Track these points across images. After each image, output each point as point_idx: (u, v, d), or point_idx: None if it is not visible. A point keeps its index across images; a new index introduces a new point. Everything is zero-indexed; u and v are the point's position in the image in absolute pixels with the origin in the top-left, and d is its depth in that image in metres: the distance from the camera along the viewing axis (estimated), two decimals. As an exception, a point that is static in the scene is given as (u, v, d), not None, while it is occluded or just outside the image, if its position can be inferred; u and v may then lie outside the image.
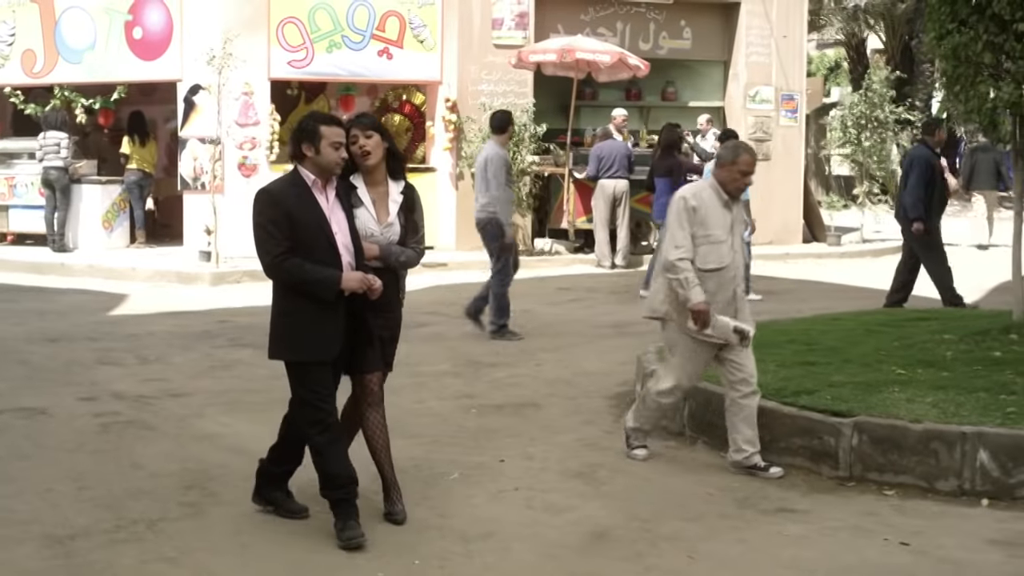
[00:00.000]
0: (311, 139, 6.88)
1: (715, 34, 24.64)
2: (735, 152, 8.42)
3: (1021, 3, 9.61)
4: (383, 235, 7.22)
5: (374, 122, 7.36)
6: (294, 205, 6.85)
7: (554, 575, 6.56)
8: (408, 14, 21.76)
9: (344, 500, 6.96)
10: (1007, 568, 6.73)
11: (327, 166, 6.90)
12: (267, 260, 6.93)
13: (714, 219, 8.31)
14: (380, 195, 7.28)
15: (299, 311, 6.92)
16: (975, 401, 8.41)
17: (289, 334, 7.00)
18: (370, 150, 7.16)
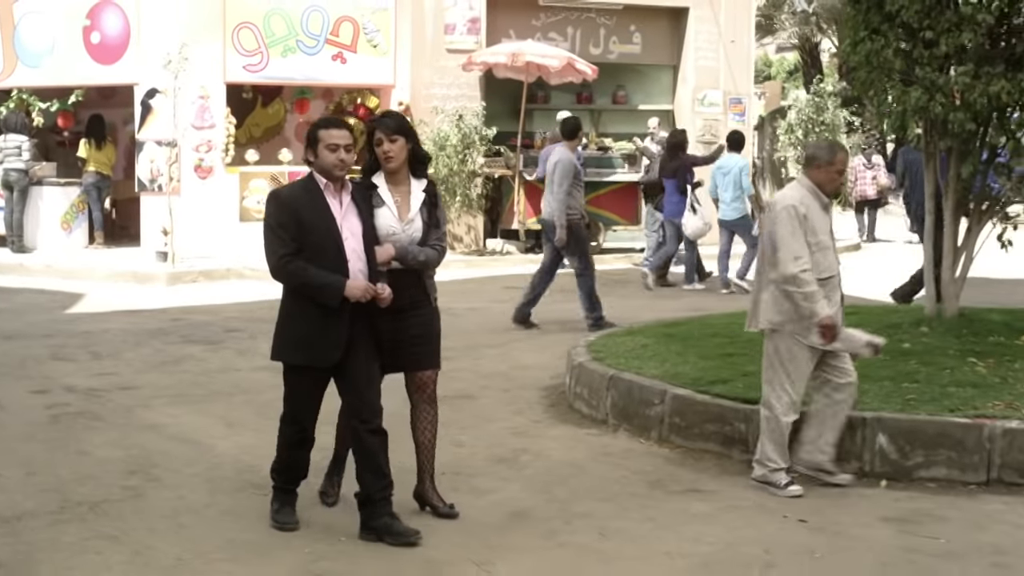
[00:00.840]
0: (311, 144, 6.97)
1: (664, 39, 25.14)
2: (831, 152, 8.18)
3: (928, 12, 10.10)
4: (405, 232, 7.17)
5: (399, 124, 7.29)
6: (303, 208, 6.87)
7: (474, 550, 6.98)
8: (362, 19, 22.17)
9: (284, 490, 7.30)
10: (896, 542, 7.21)
11: (326, 168, 6.93)
12: (272, 261, 6.94)
13: (820, 224, 8.06)
14: (402, 194, 7.24)
15: (303, 315, 6.95)
16: (878, 389, 8.89)
17: (290, 337, 7.05)
18: (393, 155, 7.14)
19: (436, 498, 7.50)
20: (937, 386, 8.94)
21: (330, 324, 6.88)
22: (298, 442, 7.27)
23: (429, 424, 7.51)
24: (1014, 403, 8.56)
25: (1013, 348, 10.03)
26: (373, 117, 7.49)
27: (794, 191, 8.16)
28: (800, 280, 7.84)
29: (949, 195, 10.74)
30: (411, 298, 7.23)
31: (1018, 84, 9.95)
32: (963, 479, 8.22)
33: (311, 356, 6.98)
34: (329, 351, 6.92)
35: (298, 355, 7.03)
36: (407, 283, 7.18)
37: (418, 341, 7.32)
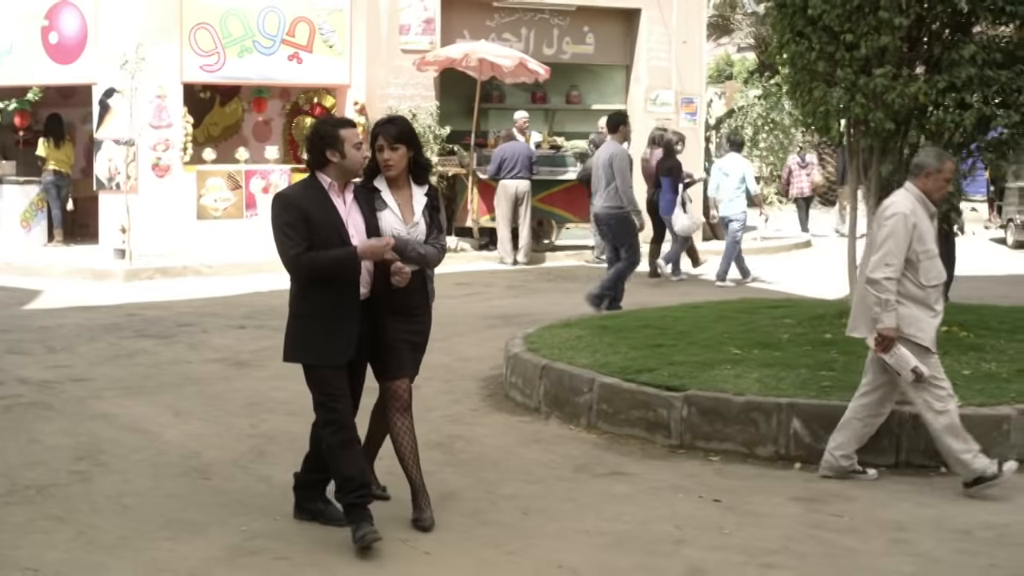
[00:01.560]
0: (334, 144, 6.89)
1: (617, 39, 25.49)
2: (940, 160, 8.15)
3: (849, 17, 10.53)
4: (409, 235, 7.19)
5: (402, 132, 7.24)
6: (310, 207, 6.86)
7: (402, 529, 7.37)
8: (317, 20, 22.49)
9: (355, 505, 7.00)
10: (802, 519, 7.63)
11: (352, 168, 6.97)
12: (287, 259, 6.88)
13: (928, 233, 8.10)
14: (404, 198, 7.27)
15: (313, 315, 6.95)
16: (795, 376, 9.32)
17: (302, 337, 7.03)
18: (392, 164, 7.16)
19: (428, 509, 7.44)
20: (853, 374, 9.31)
21: (341, 322, 6.93)
22: (346, 441, 7.05)
23: (410, 433, 7.42)
24: (921, 390, 8.95)
25: (929, 338, 10.43)
26: (379, 120, 7.45)
27: (905, 200, 8.14)
28: (881, 286, 8.00)
29: (871, 192, 11.16)
30: (414, 301, 7.30)
31: (934, 85, 10.37)
32: (873, 462, 8.62)
33: (326, 355, 6.97)
34: (342, 349, 6.95)
35: (313, 354, 7.01)
36: (413, 285, 7.19)
37: (410, 348, 7.34)
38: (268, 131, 24.47)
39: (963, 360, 9.84)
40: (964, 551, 7.10)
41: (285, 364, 11.43)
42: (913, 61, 10.80)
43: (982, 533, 7.40)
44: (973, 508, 7.87)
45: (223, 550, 6.99)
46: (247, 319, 15.44)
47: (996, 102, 10.42)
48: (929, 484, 8.39)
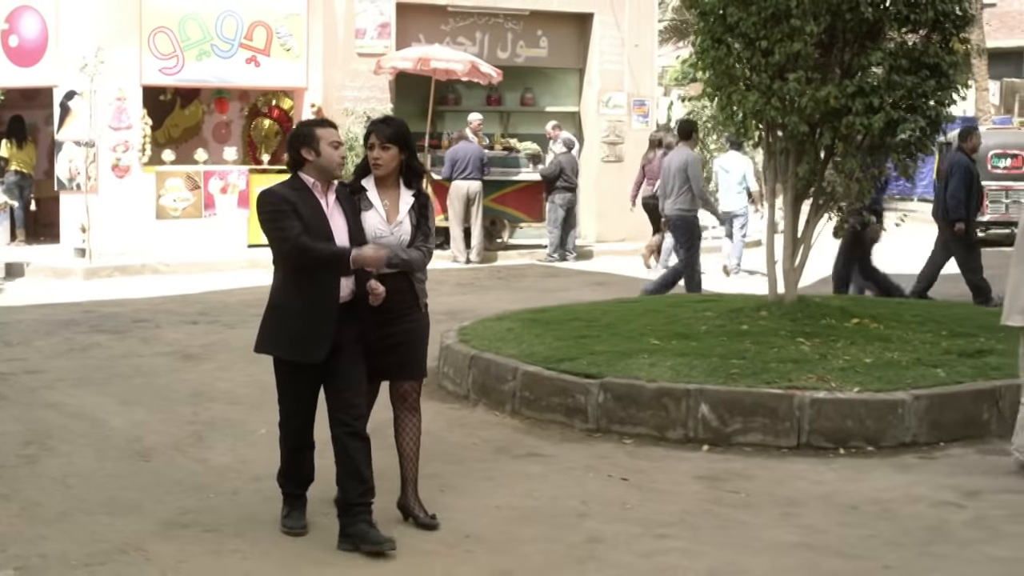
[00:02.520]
0: (310, 143, 6.89)
1: (570, 43, 25.98)
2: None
3: (764, 24, 11.08)
4: (393, 235, 7.16)
5: (396, 133, 7.20)
6: (297, 204, 6.86)
7: (323, 504, 7.87)
8: (275, 24, 22.96)
9: (291, 495, 7.28)
10: (701, 496, 8.17)
11: (328, 166, 6.91)
12: (287, 243, 6.82)
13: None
14: (391, 198, 7.23)
15: (290, 307, 6.95)
16: (707, 364, 9.86)
17: (275, 330, 7.05)
18: (382, 163, 7.13)
19: (418, 508, 7.47)
20: (761, 362, 9.92)
21: (318, 320, 6.87)
22: (297, 446, 7.23)
23: (412, 433, 7.51)
24: (825, 376, 9.56)
25: (841, 330, 11.02)
26: (375, 119, 7.50)
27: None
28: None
29: (788, 191, 11.72)
30: (402, 303, 7.24)
31: (844, 90, 10.93)
32: (776, 444, 9.20)
33: (297, 351, 6.95)
34: (316, 347, 6.89)
35: (283, 349, 7.03)
36: (398, 287, 7.17)
37: (405, 349, 7.32)
38: (228, 133, 24.92)
39: (868, 350, 10.38)
40: (848, 523, 7.63)
41: (230, 356, 12.06)
42: (827, 67, 11.35)
43: (868, 508, 7.93)
44: (863, 486, 8.40)
45: (157, 524, 7.48)
46: (201, 315, 15.91)
47: (903, 106, 10.94)
48: (827, 464, 8.92)
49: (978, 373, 9.82)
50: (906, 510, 7.90)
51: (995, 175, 26.62)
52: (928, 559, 7.02)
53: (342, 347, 6.96)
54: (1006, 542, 7.31)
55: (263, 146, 24.49)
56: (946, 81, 11.10)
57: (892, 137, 11.14)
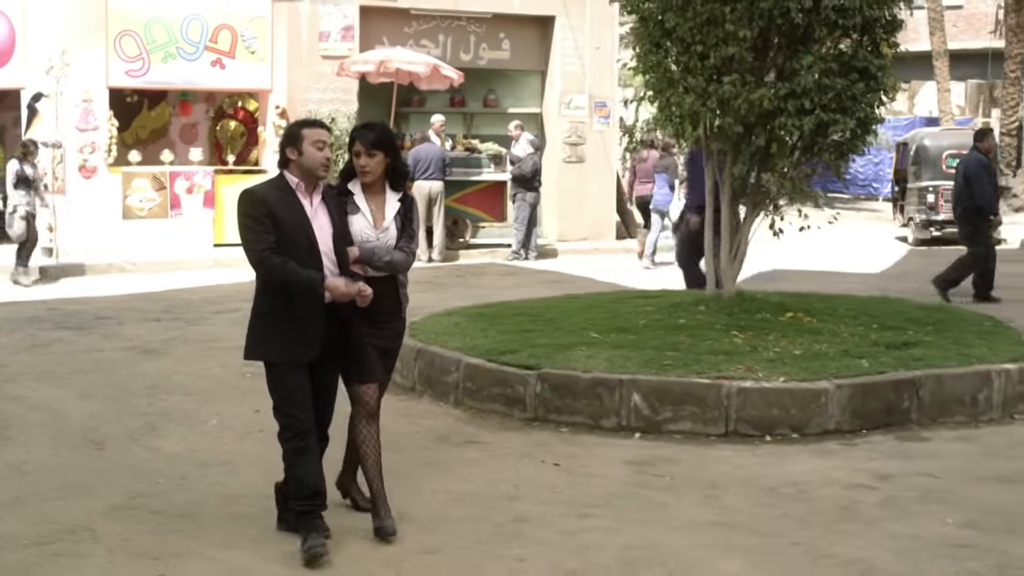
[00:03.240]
0: (293, 142, 6.89)
1: (532, 45, 26.42)
2: None
3: (700, 29, 11.50)
4: (379, 240, 7.17)
5: (380, 139, 7.18)
6: (277, 205, 6.83)
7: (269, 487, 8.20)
8: (239, 27, 23.35)
9: (308, 512, 7.00)
10: (628, 479, 8.57)
11: (311, 166, 6.88)
12: (253, 256, 6.82)
13: None
14: (378, 203, 7.24)
15: (275, 313, 6.90)
16: (641, 356, 10.27)
17: (263, 335, 6.97)
18: (369, 170, 7.14)
19: (356, 491, 7.70)
20: (694, 354, 10.33)
21: (304, 322, 6.86)
22: (301, 449, 7.05)
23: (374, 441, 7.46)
24: (753, 367, 9.97)
25: (775, 323, 11.45)
26: (358, 125, 7.48)
27: None
28: None
29: (725, 190, 12.15)
30: (385, 307, 7.23)
31: (777, 92, 11.36)
32: (705, 431, 9.60)
33: (288, 352, 6.91)
34: (308, 346, 6.89)
35: (274, 352, 6.96)
36: (384, 291, 7.17)
37: (382, 354, 7.36)
38: (194, 134, 25.28)
39: (798, 342, 10.81)
40: (764, 504, 8.04)
41: (188, 351, 12.43)
42: (762, 70, 11.78)
43: (785, 490, 8.34)
44: (783, 470, 8.80)
45: (106, 506, 7.85)
46: (163, 312, 16.28)
47: (834, 108, 11.37)
48: (752, 450, 9.33)
49: (900, 364, 10.24)
50: (821, 492, 8.31)
51: (949, 175, 27.04)
52: (834, 536, 7.42)
53: (324, 351, 6.98)
54: (910, 520, 7.73)
55: (229, 147, 24.90)
56: (875, 84, 11.54)
57: (824, 138, 11.55)
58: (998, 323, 12.42)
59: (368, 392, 7.28)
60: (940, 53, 38.94)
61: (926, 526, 7.62)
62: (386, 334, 7.34)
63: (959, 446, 9.53)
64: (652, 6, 11.85)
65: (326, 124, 7.23)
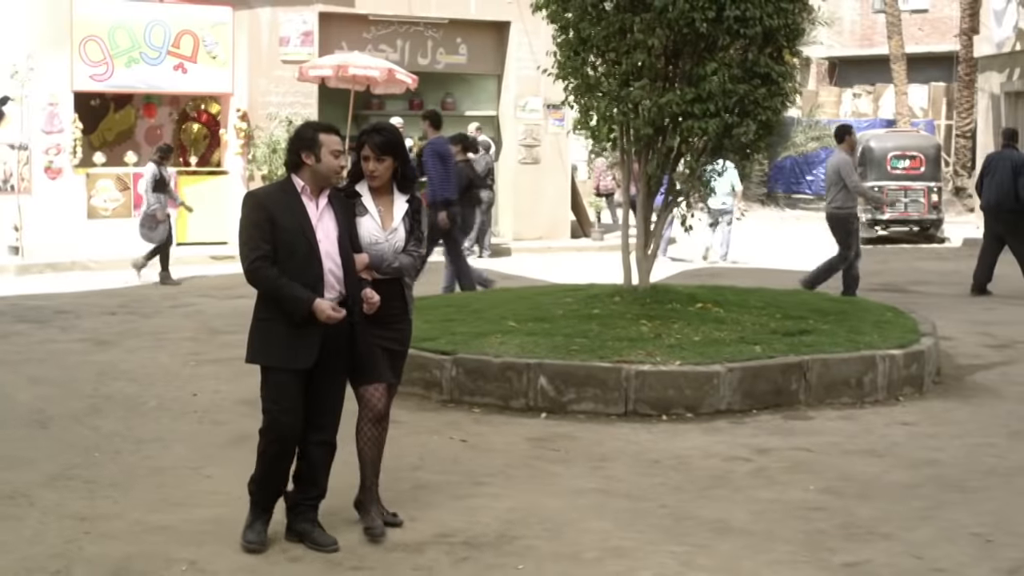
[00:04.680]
0: (311, 147, 6.88)
1: (488, 50, 27.15)
2: None
3: (612, 37, 12.29)
4: (388, 241, 7.19)
5: (388, 143, 7.18)
6: (278, 209, 6.86)
7: (195, 460, 9.04)
8: (201, 32, 24.07)
9: (258, 504, 7.17)
10: (526, 453, 9.35)
11: (327, 174, 6.92)
12: (244, 263, 6.90)
13: None
14: (386, 204, 7.25)
15: (276, 318, 6.92)
16: (551, 343, 11.05)
17: (264, 340, 7.00)
18: (378, 175, 7.16)
19: (381, 511, 7.52)
20: (600, 340, 11.11)
21: (305, 327, 6.86)
22: (279, 454, 7.14)
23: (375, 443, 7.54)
24: (653, 352, 10.75)
25: (683, 313, 12.22)
26: (366, 128, 7.46)
27: None
28: None
29: (640, 189, 12.94)
30: (392, 310, 7.26)
31: (684, 97, 12.14)
32: (606, 411, 10.38)
33: (286, 358, 6.94)
34: (304, 353, 6.92)
35: (273, 357, 6.99)
36: (391, 294, 7.22)
37: (390, 356, 7.38)
38: (159, 136, 25.85)
39: (700, 329, 11.59)
40: (645, 474, 8.83)
41: (139, 342, 13.18)
42: (673, 76, 12.57)
43: (667, 462, 9.13)
44: (671, 445, 9.58)
45: (44, 477, 8.59)
46: (120, 307, 17.02)
47: (737, 112, 12.16)
48: (647, 428, 10.11)
49: (791, 349, 11.05)
50: (699, 463, 9.11)
51: (894, 175, 28.01)
52: (702, 500, 8.21)
53: (329, 356, 7.00)
54: (775, 487, 8.52)
55: (192, 149, 25.61)
56: (776, 89, 12.33)
57: (729, 139, 12.34)
58: (899, 314, 13.22)
59: (375, 393, 7.30)
60: (898, 56, 39.74)
61: (788, 492, 8.42)
62: (393, 335, 7.33)
63: (840, 424, 10.33)
64: (570, 16, 12.59)
65: (339, 129, 7.18)
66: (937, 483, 8.66)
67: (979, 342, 14.24)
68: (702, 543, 7.36)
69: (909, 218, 28.13)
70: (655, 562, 7.03)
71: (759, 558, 7.12)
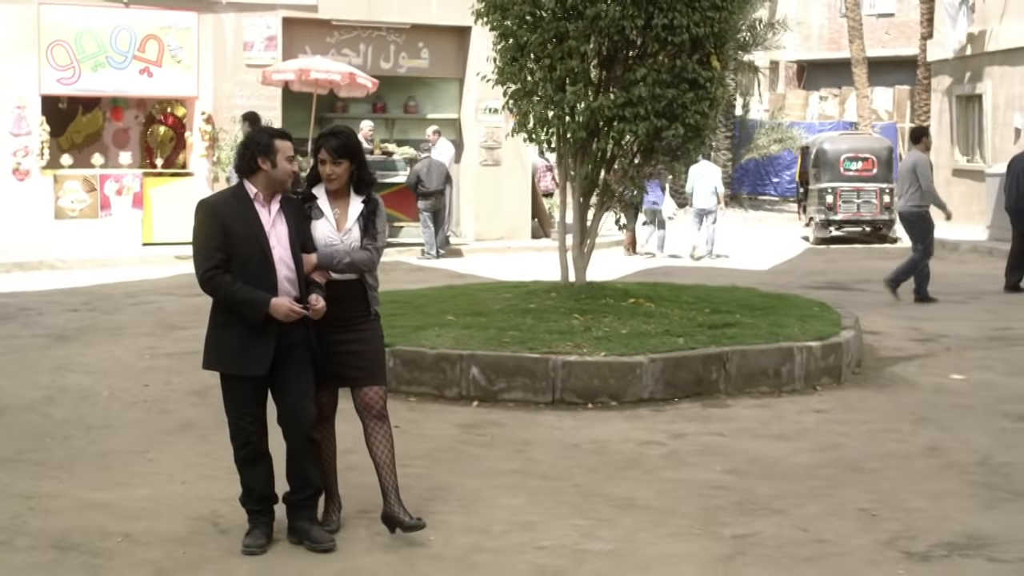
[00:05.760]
0: (267, 153, 6.92)
1: (450, 54, 27.64)
2: None
3: (548, 43, 12.87)
4: (343, 243, 7.18)
5: (344, 146, 7.20)
6: (231, 217, 6.91)
7: (142, 445, 9.57)
8: (166, 37, 24.60)
9: (254, 512, 7.22)
10: (454, 438, 9.90)
11: (281, 179, 6.97)
12: (198, 274, 6.94)
13: None
14: (342, 206, 7.28)
15: (230, 325, 6.97)
16: (485, 335, 11.61)
17: (219, 346, 7.07)
18: (335, 177, 7.17)
19: (403, 513, 7.41)
20: (532, 333, 11.68)
21: (258, 334, 6.92)
22: (250, 458, 7.21)
23: (383, 441, 7.53)
24: (581, 344, 11.32)
25: (615, 307, 12.79)
26: (323, 131, 7.49)
27: None
28: None
29: (575, 189, 13.52)
30: (354, 311, 7.32)
31: (615, 101, 12.72)
32: (535, 400, 10.94)
33: (240, 366, 7.00)
34: (257, 361, 6.96)
35: (228, 365, 7.05)
36: (350, 295, 7.29)
37: (359, 357, 7.37)
38: (126, 138, 26.47)
39: (629, 323, 12.18)
40: (563, 456, 9.39)
41: (98, 336, 13.69)
42: (608, 81, 13.15)
43: (586, 446, 9.69)
44: (592, 432, 10.13)
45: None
46: (83, 304, 17.53)
47: (666, 115, 12.74)
48: (572, 416, 10.66)
49: (712, 341, 11.61)
50: (616, 447, 9.67)
51: (847, 177, 28.63)
52: (613, 480, 8.76)
53: (289, 353, 7.06)
54: (684, 468, 9.09)
55: (159, 151, 26.15)
56: (704, 93, 12.90)
57: (659, 142, 12.91)
58: (826, 308, 13.80)
59: (369, 394, 7.42)
60: (859, 60, 40.35)
61: (695, 473, 8.99)
62: (357, 337, 7.35)
63: (755, 412, 10.90)
64: (509, 24, 13.17)
65: (291, 135, 7.25)
66: (838, 465, 9.22)
67: (906, 336, 14.81)
68: (605, 518, 7.91)
69: (862, 218, 28.74)
70: (558, 534, 7.57)
71: (656, 531, 7.67)
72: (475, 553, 7.26)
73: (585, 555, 7.24)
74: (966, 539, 7.53)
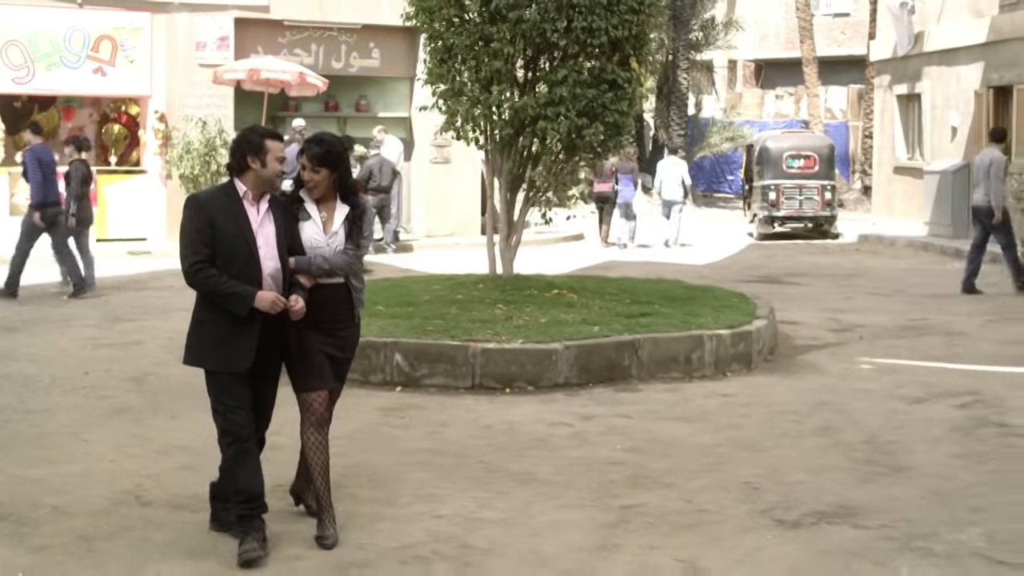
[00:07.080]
0: (258, 152, 6.96)
1: (400, 54, 28.10)
2: None
3: (475, 45, 13.45)
4: (329, 245, 7.24)
5: (324, 156, 7.24)
6: (220, 213, 6.94)
7: (77, 428, 10.12)
8: (120, 37, 25.09)
9: (246, 516, 7.10)
10: (375, 421, 10.46)
11: (270, 178, 7.02)
12: (184, 267, 6.95)
13: None
14: (328, 210, 7.34)
15: (212, 321, 7.00)
16: (410, 324, 12.18)
17: (201, 343, 7.09)
18: (315, 184, 7.24)
19: (311, 496, 7.69)
20: (455, 322, 12.26)
21: (241, 330, 6.95)
22: (242, 453, 7.18)
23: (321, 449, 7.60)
24: (500, 332, 11.90)
25: (537, 298, 13.38)
26: (309, 137, 7.59)
27: None
28: None
29: (502, 185, 14.12)
30: (338, 313, 7.40)
31: (538, 100, 13.32)
32: (455, 385, 11.53)
33: (223, 361, 7.03)
34: (240, 356, 7.00)
35: (210, 360, 7.07)
36: (336, 298, 7.36)
37: (331, 360, 7.45)
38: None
39: (550, 313, 12.77)
40: (474, 437, 9.97)
41: (44, 328, 14.22)
42: (533, 81, 13.74)
43: (498, 427, 10.27)
44: (506, 414, 10.71)
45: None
46: (33, 297, 18.02)
47: (586, 115, 13.34)
48: (490, 400, 11.25)
49: (626, 329, 12.22)
50: (526, 428, 10.26)
51: (789, 174, 29.30)
52: (518, 458, 9.33)
53: (264, 362, 7.16)
54: (587, 447, 9.68)
55: (113, 148, 26.63)
56: (623, 93, 13.51)
57: (580, 140, 13.51)
58: (744, 299, 14.41)
59: (317, 399, 7.39)
60: (810, 60, 41.03)
61: (597, 451, 9.58)
62: (338, 342, 7.42)
63: (664, 395, 11.50)
64: (437, 27, 13.74)
65: (283, 136, 7.50)
66: (733, 444, 9.83)
67: (823, 326, 15.44)
68: (504, 491, 8.49)
69: (804, 215, 29.38)
70: (457, 505, 8.15)
71: (550, 503, 8.26)
72: (376, 521, 7.83)
73: (479, 523, 7.82)
74: (836, 508, 8.14)
